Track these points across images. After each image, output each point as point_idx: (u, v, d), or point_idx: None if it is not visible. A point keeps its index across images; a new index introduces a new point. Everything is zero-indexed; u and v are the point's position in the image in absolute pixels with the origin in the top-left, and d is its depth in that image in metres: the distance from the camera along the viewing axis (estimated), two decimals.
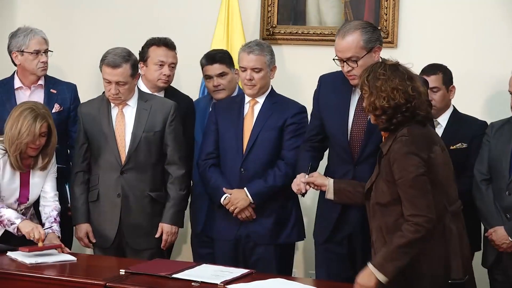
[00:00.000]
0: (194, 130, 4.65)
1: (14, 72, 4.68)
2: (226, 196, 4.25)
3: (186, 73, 5.16)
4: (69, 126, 4.63)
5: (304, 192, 3.80)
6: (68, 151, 4.65)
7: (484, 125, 4.35)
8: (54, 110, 4.53)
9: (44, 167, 4.15)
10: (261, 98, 4.33)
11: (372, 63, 3.58)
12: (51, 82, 4.67)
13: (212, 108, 4.52)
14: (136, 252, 4.29)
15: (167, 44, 4.64)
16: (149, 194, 4.32)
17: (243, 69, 4.28)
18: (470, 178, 4.21)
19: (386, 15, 5.04)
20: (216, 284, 3.47)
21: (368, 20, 4.65)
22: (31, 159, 4.12)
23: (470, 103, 4.70)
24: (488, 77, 4.86)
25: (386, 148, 3.36)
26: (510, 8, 4.86)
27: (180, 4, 5.47)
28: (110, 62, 4.21)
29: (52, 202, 4.20)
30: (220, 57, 4.62)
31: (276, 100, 4.34)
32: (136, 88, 4.38)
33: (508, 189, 4.06)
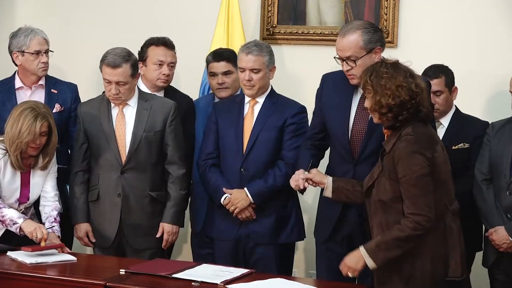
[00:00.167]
0: (195, 130, 4.65)
1: (15, 72, 4.67)
2: (226, 196, 4.24)
3: (186, 73, 5.16)
4: (70, 126, 4.62)
5: (302, 188, 3.80)
6: (69, 151, 4.64)
7: (486, 125, 4.33)
8: (55, 110, 4.52)
9: (45, 167, 4.15)
10: (261, 98, 4.33)
11: (372, 64, 3.58)
12: (52, 82, 4.67)
13: (212, 108, 4.52)
14: (136, 252, 4.29)
15: (166, 43, 4.64)
16: (149, 193, 4.32)
17: (241, 69, 4.28)
18: (472, 178, 4.21)
19: (386, 15, 5.04)
20: (216, 284, 3.47)
21: (368, 20, 4.65)
22: (32, 159, 4.12)
23: (471, 103, 4.69)
24: (488, 77, 4.85)
25: (389, 146, 3.37)
26: (510, 8, 4.86)
27: (180, 4, 5.46)
28: (110, 62, 4.21)
29: (52, 202, 4.20)
30: (228, 55, 4.62)
31: (276, 100, 4.33)
32: (136, 88, 4.38)
33: (508, 189, 4.06)
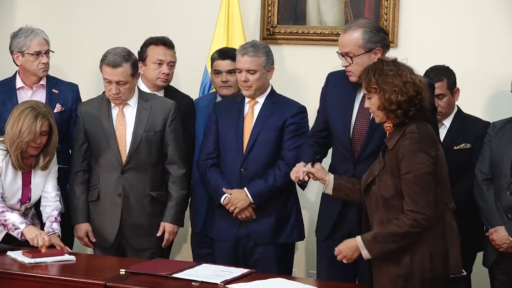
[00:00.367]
0: (195, 129, 4.65)
1: (16, 72, 4.66)
2: (226, 196, 4.24)
3: (186, 73, 5.16)
4: (70, 126, 4.61)
5: (302, 180, 3.78)
6: (70, 151, 4.64)
7: (488, 125, 4.32)
8: (56, 110, 4.51)
9: (45, 167, 4.15)
10: (261, 98, 4.33)
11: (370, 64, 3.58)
12: (53, 82, 4.66)
13: (212, 108, 4.52)
14: (136, 251, 4.29)
15: (166, 43, 4.64)
16: (149, 193, 4.32)
17: (239, 70, 4.29)
18: (473, 178, 4.21)
19: (386, 15, 5.04)
20: (216, 284, 3.48)
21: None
22: (33, 159, 4.12)
23: (471, 103, 4.69)
24: (488, 77, 4.85)
25: (392, 143, 3.38)
26: (510, 8, 4.86)
27: (180, 4, 5.46)
28: (110, 61, 4.21)
29: (53, 202, 4.20)
30: (233, 54, 4.60)
31: (276, 100, 4.33)
32: (136, 87, 4.38)
33: (509, 189, 4.06)
